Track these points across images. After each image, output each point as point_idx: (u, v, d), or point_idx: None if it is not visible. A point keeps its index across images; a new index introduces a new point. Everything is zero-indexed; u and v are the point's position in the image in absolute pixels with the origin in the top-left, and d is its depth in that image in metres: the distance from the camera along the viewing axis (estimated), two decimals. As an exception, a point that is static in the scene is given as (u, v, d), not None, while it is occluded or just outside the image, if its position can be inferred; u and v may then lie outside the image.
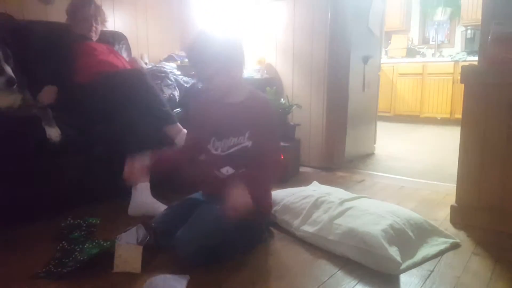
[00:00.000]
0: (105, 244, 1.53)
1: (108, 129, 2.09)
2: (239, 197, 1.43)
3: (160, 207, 1.94)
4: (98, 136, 2.11)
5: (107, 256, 1.46)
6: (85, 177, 2.07)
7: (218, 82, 1.60)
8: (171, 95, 2.57)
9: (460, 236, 1.80)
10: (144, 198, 2.00)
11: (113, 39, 2.87)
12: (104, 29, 2.66)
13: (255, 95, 1.71)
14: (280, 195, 2.00)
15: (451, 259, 1.59)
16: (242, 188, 1.46)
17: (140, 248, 1.44)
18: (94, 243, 1.55)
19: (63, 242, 1.61)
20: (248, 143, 1.63)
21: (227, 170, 1.66)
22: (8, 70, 1.87)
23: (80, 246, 1.55)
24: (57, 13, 2.57)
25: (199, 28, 1.63)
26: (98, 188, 2.10)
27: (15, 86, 1.89)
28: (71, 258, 1.48)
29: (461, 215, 1.97)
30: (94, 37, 2.51)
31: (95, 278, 1.40)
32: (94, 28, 2.49)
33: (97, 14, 2.51)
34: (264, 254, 1.64)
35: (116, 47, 2.84)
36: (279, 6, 3.23)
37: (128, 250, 1.43)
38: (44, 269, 1.45)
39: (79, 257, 1.47)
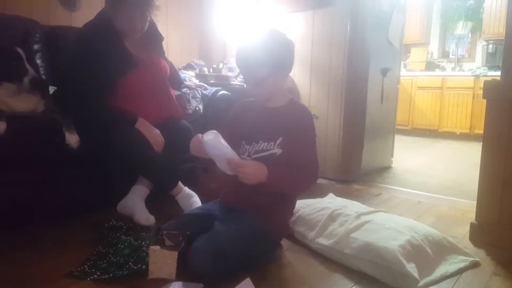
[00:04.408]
0: (135, 243, 1.55)
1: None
2: (256, 170, 1.44)
3: (140, 219, 1.93)
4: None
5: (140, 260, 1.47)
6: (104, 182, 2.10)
7: (265, 86, 1.55)
8: (197, 108, 2.62)
9: (479, 255, 1.75)
10: (134, 203, 2.00)
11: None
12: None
13: (295, 102, 1.67)
14: (295, 206, 1.98)
15: (471, 278, 1.55)
16: (264, 168, 1.46)
17: (175, 254, 1.41)
18: (126, 244, 1.57)
19: (99, 247, 1.64)
20: (278, 151, 1.56)
21: None
22: (31, 70, 1.88)
23: (114, 248, 1.57)
24: (81, 20, 2.60)
25: (253, 28, 1.55)
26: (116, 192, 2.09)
27: (39, 85, 1.89)
28: (105, 261, 1.51)
29: (481, 233, 1.92)
30: (138, 36, 2.11)
31: (103, 282, 1.40)
32: (138, 27, 2.05)
33: (147, 10, 2.06)
34: (278, 266, 1.62)
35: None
36: (297, 17, 3.24)
37: (162, 256, 1.41)
38: (78, 268, 1.47)
39: (112, 259, 1.50)
